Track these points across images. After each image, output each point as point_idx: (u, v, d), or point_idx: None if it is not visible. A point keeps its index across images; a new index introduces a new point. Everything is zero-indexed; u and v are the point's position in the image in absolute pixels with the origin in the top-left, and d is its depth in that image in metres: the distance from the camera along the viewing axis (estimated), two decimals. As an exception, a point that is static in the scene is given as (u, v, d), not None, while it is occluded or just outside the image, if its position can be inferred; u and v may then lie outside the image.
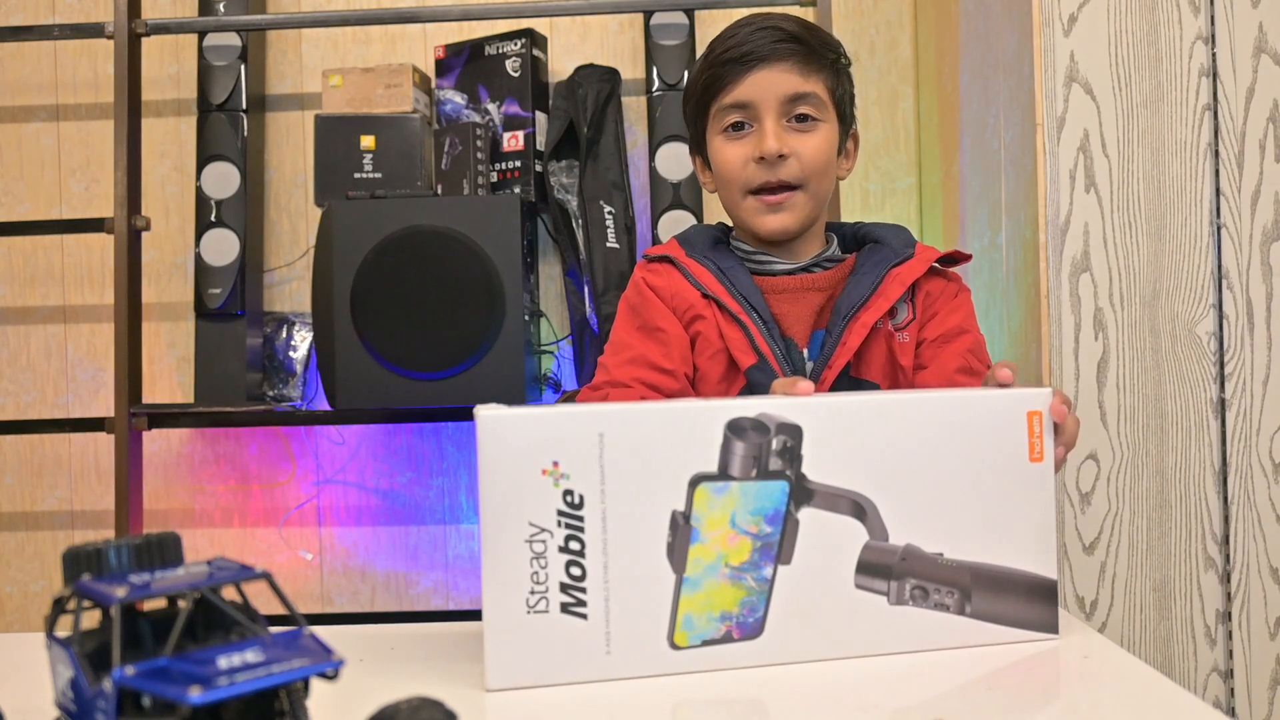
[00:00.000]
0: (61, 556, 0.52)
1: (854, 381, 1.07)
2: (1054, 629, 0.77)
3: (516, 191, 1.93)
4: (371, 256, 1.75)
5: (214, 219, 1.97)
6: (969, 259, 1.14)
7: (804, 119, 1.08)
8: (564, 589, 0.69)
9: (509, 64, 1.96)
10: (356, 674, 0.73)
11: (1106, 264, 1.46)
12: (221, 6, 1.99)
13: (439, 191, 1.89)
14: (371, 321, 1.75)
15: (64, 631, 0.51)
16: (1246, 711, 1.46)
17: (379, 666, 0.76)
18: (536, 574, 0.69)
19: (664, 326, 1.09)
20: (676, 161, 1.93)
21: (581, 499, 0.70)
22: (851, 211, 2.05)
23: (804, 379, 0.79)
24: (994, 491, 0.76)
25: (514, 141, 1.96)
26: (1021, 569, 0.76)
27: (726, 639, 0.72)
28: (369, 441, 2.10)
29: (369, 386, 1.76)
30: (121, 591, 0.48)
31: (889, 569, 0.74)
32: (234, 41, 2.00)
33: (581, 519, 0.70)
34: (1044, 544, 0.77)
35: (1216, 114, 1.47)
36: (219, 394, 1.96)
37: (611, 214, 1.93)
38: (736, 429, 0.71)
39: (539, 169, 1.95)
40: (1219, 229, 1.47)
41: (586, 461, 0.70)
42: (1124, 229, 1.47)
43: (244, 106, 2.00)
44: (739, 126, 1.08)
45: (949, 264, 1.13)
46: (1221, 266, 1.46)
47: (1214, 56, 1.46)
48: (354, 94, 1.93)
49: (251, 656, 0.46)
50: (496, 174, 1.96)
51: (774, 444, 0.71)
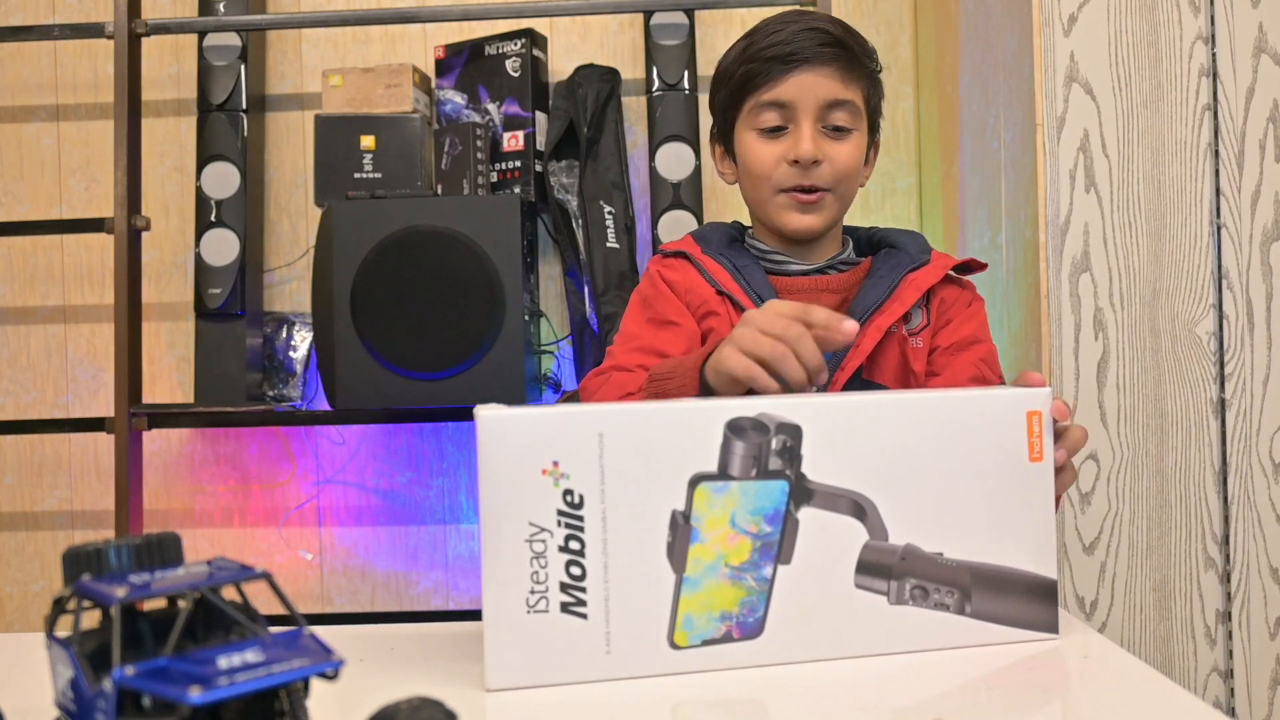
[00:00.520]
0: (61, 556, 0.52)
1: (865, 384, 1.07)
2: (1054, 629, 0.77)
3: (516, 191, 1.93)
4: (371, 256, 1.75)
5: (214, 219, 1.97)
6: (984, 268, 1.13)
7: (839, 129, 1.07)
8: (564, 589, 0.69)
9: (509, 64, 1.96)
10: (356, 674, 0.73)
11: (1106, 264, 1.46)
12: (221, 6, 1.99)
13: (439, 191, 1.89)
14: (371, 321, 1.75)
15: (64, 631, 0.51)
16: (1246, 711, 1.46)
17: (379, 666, 0.76)
18: (536, 574, 0.69)
19: (676, 319, 1.09)
20: (676, 161, 1.93)
21: (581, 499, 0.69)
22: (851, 212, 2.05)
23: (850, 318, 0.79)
24: (994, 491, 0.76)
25: (514, 141, 1.96)
26: (1021, 569, 0.76)
27: (726, 639, 0.72)
28: (369, 441, 2.10)
29: (369, 386, 1.76)
30: (121, 591, 0.48)
31: (889, 569, 0.74)
32: (234, 41, 2.00)
33: (581, 519, 0.70)
34: (1044, 544, 0.77)
35: (1216, 114, 1.47)
36: (219, 394, 1.96)
37: (611, 214, 1.93)
38: (736, 429, 0.71)
39: (539, 169, 1.95)
40: (1219, 229, 1.47)
41: (586, 461, 0.69)
42: (1124, 229, 1.47)
43: (244, 106, 2.00)
44: (774, 125, 1.08)
45: (964, 272, 1.13)
46: (1221, 266, 1.46)
47: (1214, 56, 1.46)
48: (354, 94, 1.93)
49: (251, 656, 0.46)
50: (496, 174, 1.96)
51: (774, 444, 0.71)
